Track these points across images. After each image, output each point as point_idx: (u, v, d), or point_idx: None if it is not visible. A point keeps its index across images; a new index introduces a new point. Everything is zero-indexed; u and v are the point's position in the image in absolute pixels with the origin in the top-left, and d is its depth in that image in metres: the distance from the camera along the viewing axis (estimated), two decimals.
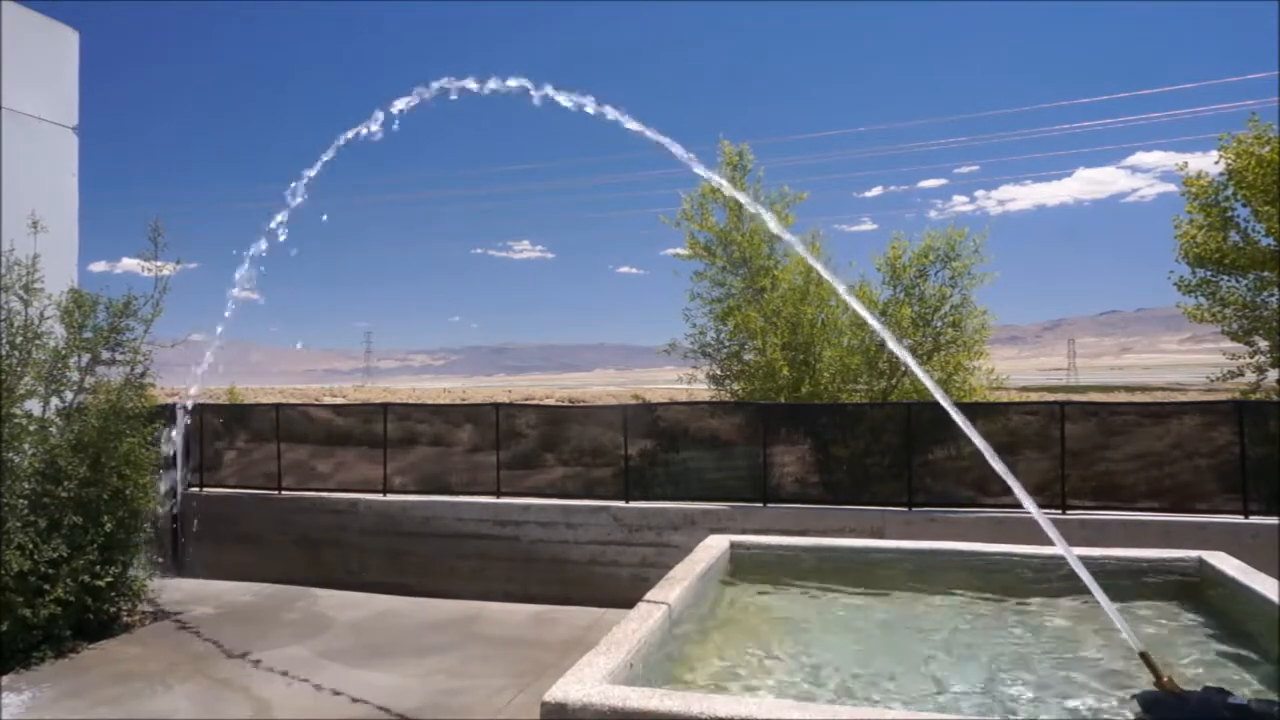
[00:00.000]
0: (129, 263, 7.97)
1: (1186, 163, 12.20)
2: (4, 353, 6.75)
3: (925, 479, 7.68)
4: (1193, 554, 5.18)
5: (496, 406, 8.90)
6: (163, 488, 8.48)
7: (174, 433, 8.93)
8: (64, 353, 7.12)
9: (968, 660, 4.28)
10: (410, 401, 19.15)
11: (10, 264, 6.93)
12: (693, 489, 8.06)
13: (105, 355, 7.39)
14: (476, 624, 7.34)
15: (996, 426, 7.70)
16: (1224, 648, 4.32)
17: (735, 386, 12.24)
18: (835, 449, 8.12)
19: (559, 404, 12.96)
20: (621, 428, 8.42)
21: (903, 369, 11.44)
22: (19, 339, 6.86)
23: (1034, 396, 17.44)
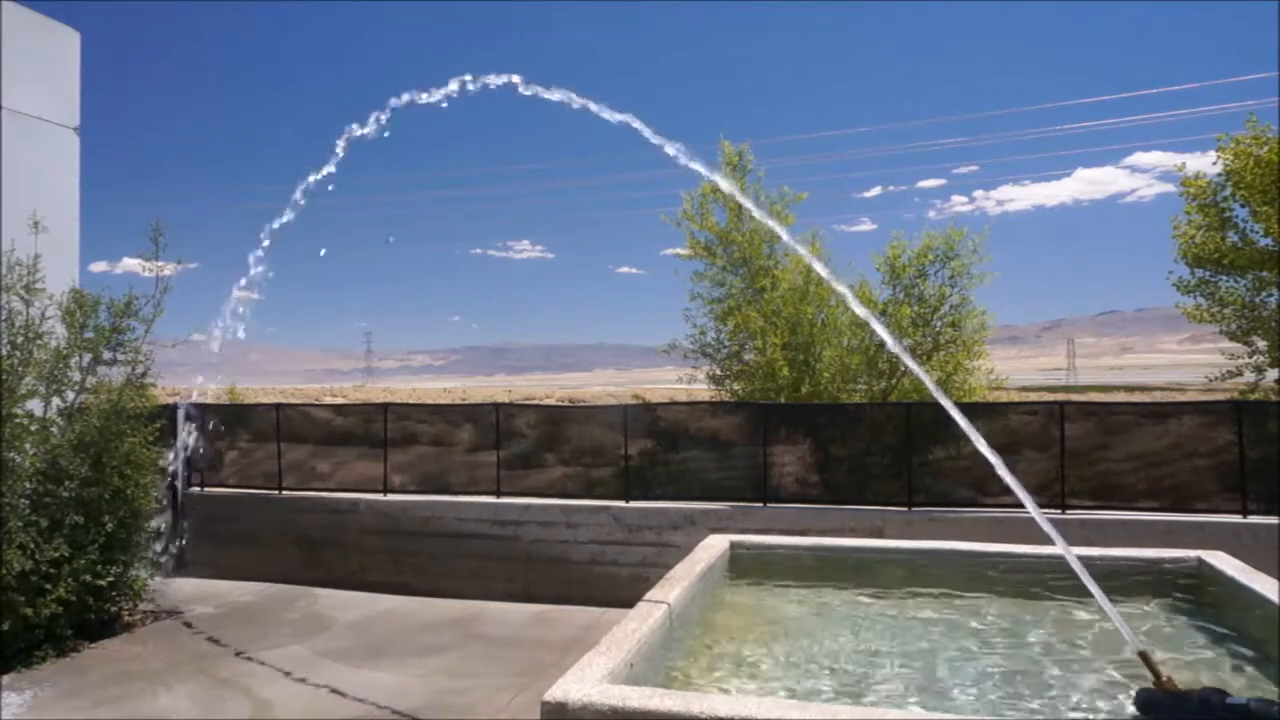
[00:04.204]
0: (129, 263, 7.98)
1: (1185, 163, 12.23)
2: (5, 353, 6.76)
3: (925, 479, 7.69)
4: (1192, 554, 5.19)
5: (496, 406, 8.91)
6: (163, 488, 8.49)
7: (182, 434, 8.95)
8: (65, 353, 7.12)
9: (967, 659, 4.29)
10: (410, 401, 19.17)
11: (11, 264, 6.93)
12: (693, 489, 8.07)
13: (106, 355, 7.39)
14: (476, 624, 7.35)
15: (996, 426, 7.71)
16: (1223, 648, 4.33)
17: (735, 386, 12.25)
18: (835, 449, 8.13)
19: (559, 404, 12.97)
20: (621, 428, 8.43)
21: (902, 369, 11.45)
22: (20, 339, 6.87)
23: (1034, 396, 17.45)
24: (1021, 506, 7.33)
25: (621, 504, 8.03)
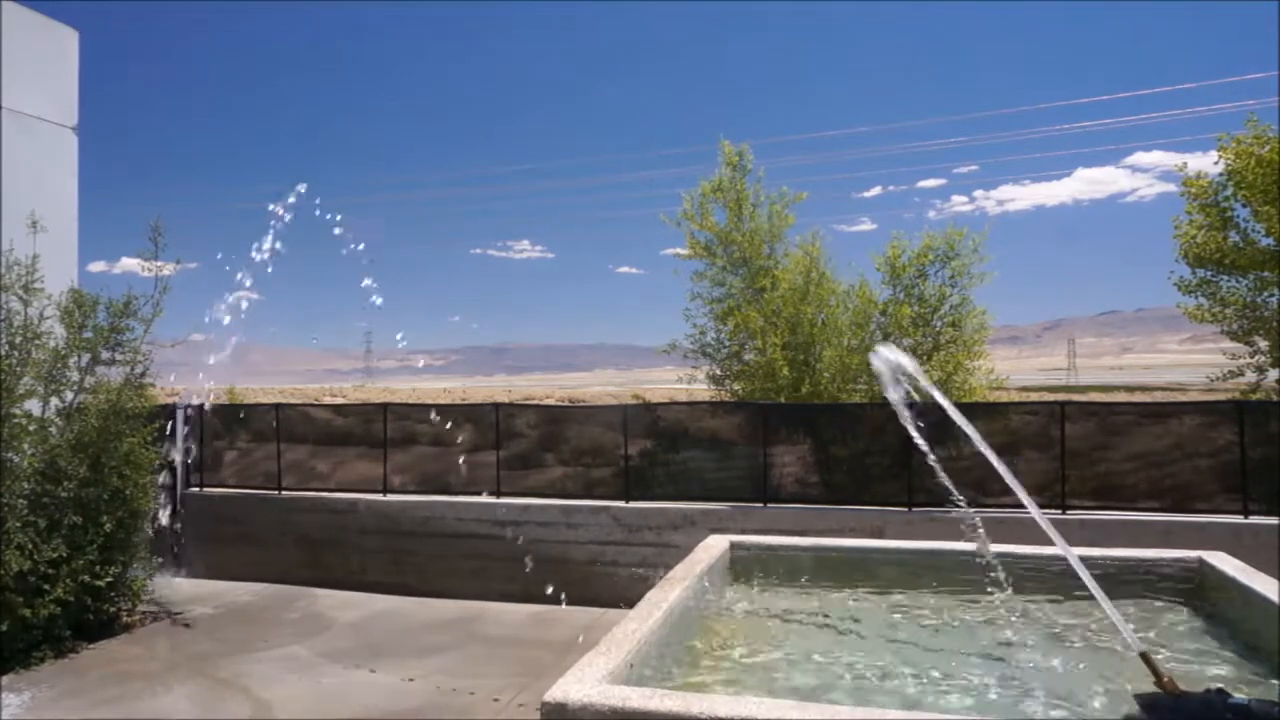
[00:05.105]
0: (128, 262, 7.98)
1: (1186, 163, 12.20)
2: (4, 353, 6.75)
3: (925, 479, 7.67)
4: (1193, 554, 5.18)
5: (496, 406, 8.90)
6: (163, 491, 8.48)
7: (175, 431, 8.95)
8: (64, 353, 7.11)
9: (967, 660, 4.28)
10: (410, 401, 19.15)
11: (10, 264, 6.92)
12: (693, 489, 8.06)
13: (105, 355, 7.38)
14: (476, 624, 7.34)
15: (997, 426, 7.70)
16: (1224, 648, 4.31)
17: (735, 386, 12.23)
18: (835, 449, 8.11)
19: (559, 404, 12.96)
20: (621, 428, 8.42)
21: None
22: (19, 339, 6.86)
23: (1034, 396, 17.43)
24: (1022, 507, 7.34)
25: (621, 504, 8.02)
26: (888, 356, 4.59)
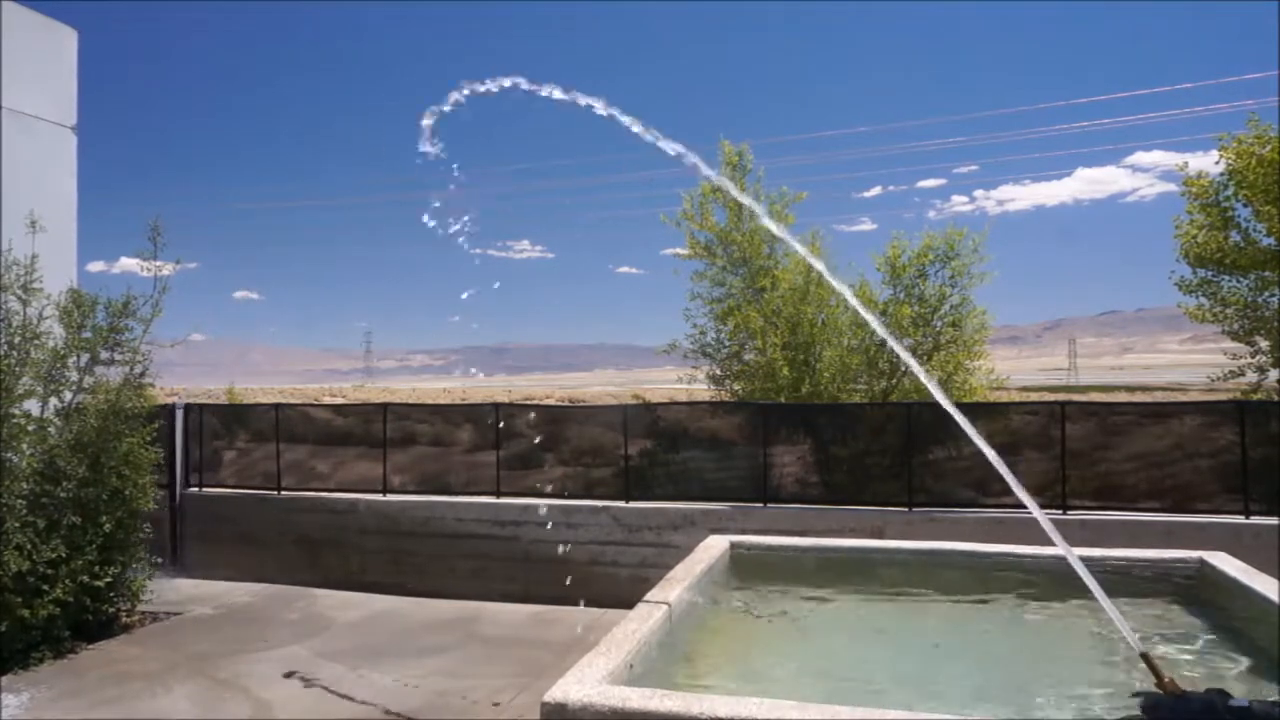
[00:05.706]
0: (127, 262, 7.96)
1: (1187, 163, 12.18)
2: (3, 353, 6.74)
3: (925, 479, 7.67)
4: (1194, 554, 5.17)
5: (496, 406, 8.89)
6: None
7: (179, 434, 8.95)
8: (63, 353, 7.10)
9: (968, 661, 4.27)
10: (410, 401, 19.14)
11: (9, 264, 6.91)
12: (693, 489, 8.05)
13: (104, 355, 7.37)
14: (476, 624, 7.33)
15: (997, 426, 7.69)
16: (1225, 648, 4.30)
17: (735, 386, 12.22)
18: (835, 449, 8.11)
19: (559, 404, 12.95)
20: (621, 428, 8.41)
21: (903, 369, 11.43)
22: (17, 339, 6.85)
23: (1034, 396, 17.41)
24: (1022, 507, 7.34)
25: (621, 504, 8.02)
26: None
